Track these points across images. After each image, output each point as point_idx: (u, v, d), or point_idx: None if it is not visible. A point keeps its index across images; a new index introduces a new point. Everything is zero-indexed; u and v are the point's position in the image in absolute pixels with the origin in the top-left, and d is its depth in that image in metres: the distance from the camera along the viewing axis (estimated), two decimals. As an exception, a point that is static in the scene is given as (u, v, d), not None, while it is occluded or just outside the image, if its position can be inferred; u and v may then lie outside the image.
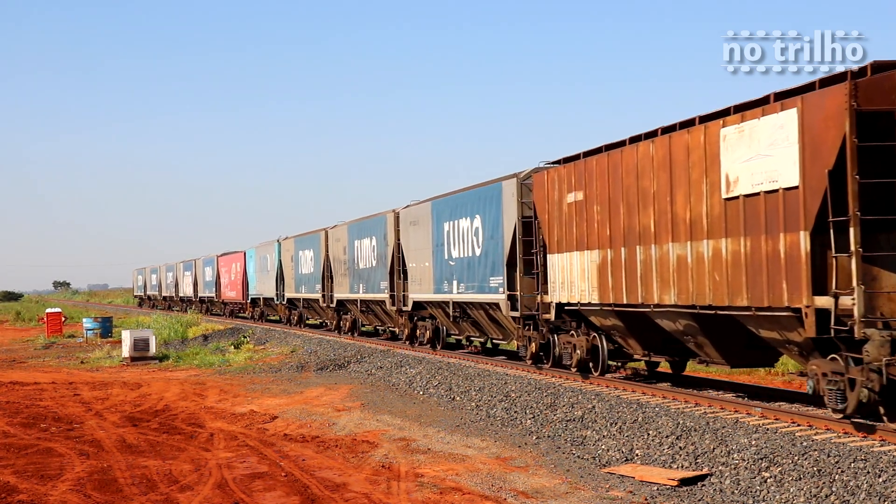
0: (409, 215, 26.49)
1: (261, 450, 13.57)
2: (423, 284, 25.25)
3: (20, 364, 30.23)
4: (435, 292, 24.26)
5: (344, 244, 32.98)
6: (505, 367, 20.93)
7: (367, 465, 12.35)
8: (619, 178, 15.34)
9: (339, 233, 33.90)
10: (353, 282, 31.75)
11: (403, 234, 27.00)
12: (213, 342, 35.87)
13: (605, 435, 13.35)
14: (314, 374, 24.32)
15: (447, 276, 23.40)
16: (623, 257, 15.29)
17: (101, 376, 25.41)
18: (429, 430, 15.05)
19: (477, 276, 21.61)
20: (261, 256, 47.33)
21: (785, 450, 10.67)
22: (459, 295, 22.63)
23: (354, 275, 31.60)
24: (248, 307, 51.48)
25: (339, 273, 33.53)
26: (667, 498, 10.21)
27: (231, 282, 54.76)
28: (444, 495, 10.46)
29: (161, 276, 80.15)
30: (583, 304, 16.80)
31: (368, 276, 30.19)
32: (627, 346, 16.74)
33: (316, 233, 37.07)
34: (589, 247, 16.42)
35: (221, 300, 57.30)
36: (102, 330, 40.72)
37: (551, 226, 17.81)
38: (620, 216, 15.30)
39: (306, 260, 38.29)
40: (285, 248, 42.18)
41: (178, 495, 10.73)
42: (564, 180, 17.29)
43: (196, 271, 64.87)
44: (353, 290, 31.81)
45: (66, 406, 18.87)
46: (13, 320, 63.13)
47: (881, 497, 8.95)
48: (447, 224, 23.50)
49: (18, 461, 12.99)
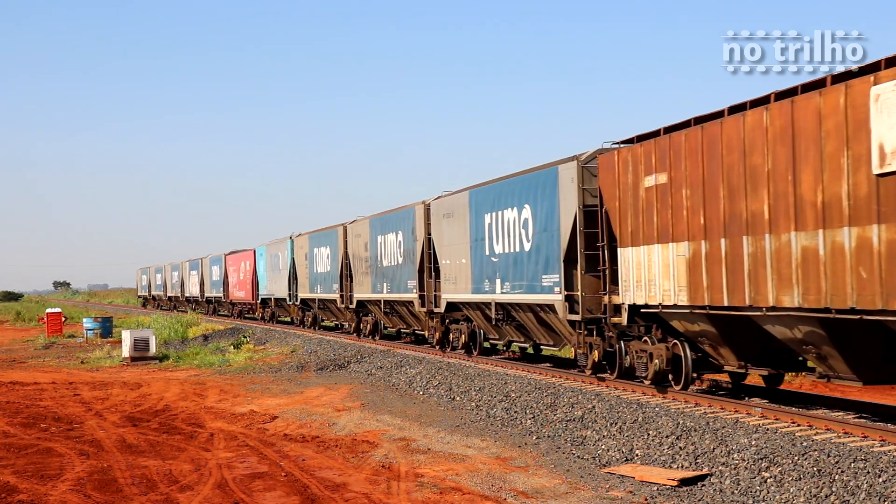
0: (443, 207, 23.85)
1: (261, 450, 13.57)
2: (458, 283, 22.89)
3: (20, 364, 30.22)
4: (473, 292, 21.88)
5: (365, 240, 30.58)
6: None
7: (367, 465, 12.35)
8: (717, 155, 12.92)
9: (359, 228, 31.41)
10: (376, 281, 29.39)
11: (435, 228, 24.45)
12: (213, 342, 35.86)
13: (605, 435, 13.35)
14: (314, 374, 24.32)
15: (488, 275, 21.01)
16: (723, 250, 12.87)
17: (101, 376, 25.40)
18: (429, 430, 15.05)
19: (526, 273, 19.21)
20: (272, 255, 44.81)
21: (785, 450, 10.67)
22: (504, 295, 20.22)
23: (377, 273, 29.25)
24: (257, 308, 49.21)
25: (360, 271, 31.14)
26: (667, 498, 10.21)
27: (239, 281, 52.47)
28: (444, 495, 10.46)
29: (166, 276, 77.96)
30: (665, 307, 14.48)
31: (394, 275, 27.72)
32: (717, 356, 14.36)
33: (333, 228, 34.59)
34: (675, 238, 14.05)
35: (229, 300, 55.28)
36: (102, 330, 40.72)
37: (623, 215, 15.50)
38: (719, 201, 12.87)
39: (322, 258, 35.91)
40: (299, 245, 39.75)
41: (178, 495, 10.73)
42: (641, 161, 14.88)
43: (202, 270, 62.68)
44: (376, 289, 29.44)
45: (66, 406, 18.87)
46: (13, 320, 63.09)
47: (881, 497, 8.95)
48: (489, 216, 20.96)
49: (18, 461, 12.99)
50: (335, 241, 34.04)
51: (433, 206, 24.75)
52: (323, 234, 36.30)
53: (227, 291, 55.48)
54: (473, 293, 22.00)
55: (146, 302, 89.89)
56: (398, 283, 27.24)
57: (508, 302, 20.22)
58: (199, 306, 64.13)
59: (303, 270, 38.82)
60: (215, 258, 58.94)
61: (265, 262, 46.14)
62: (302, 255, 38.95)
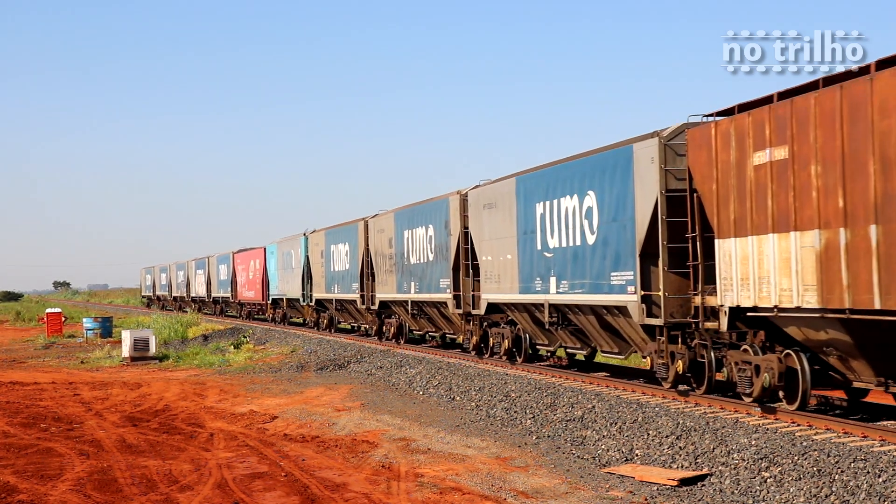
0: (483, 197, 21.31)
1: (261, 450, 13.57)
2: (502, 282, 20.27)
3: (20, 364, 30.22)
4: (521, 292, 19.20)
5: (389, 235, 27.94)
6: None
7: (367, 465, 12.35)
8: (863, 121, 10.50)
9: (383, 222, 28.82)
10: (402, 280, 26.82)
11: (473, 221, 21.88)
12: (213, 342, 35.86)
13: (605, 435, 13.34)
14: (314, 374, 24.32)
15: (540, 272, 18.41)
16: (874, 240, 10.38)
17: (101, 376, 25.41)
18: (429, 430, 15.05)
19: (588, 270, 16.71)
20: (284, 252, 42.22)
21: (785, 450, 10.67)
22: (560, 296, 17.71)
23: (404, 272, 26.66)
24: (268, 309, 46.94)
25: (383, 270, 28.51)
26: (667, 498, 10.21)
27: (249, 281, 49.94)
28: (444, 495, 10.46)
29: (171, 275, 75.04)
30: (783, 310, 12.00)
31: (423, 273, 25.08)
32: (846, 370, 12.09)
33: (353, 223, 32.07)
34: (799, 226, 11.55)
35: (238, 301, 52.92)
36: (102, 330, 40.73)
37: (723, 200, 12.97)
38: (868, 179, 10.42)
39: (340, 255, 33.32)
40: (314, 242, 37.13)
41: (177, 495, 10.73)
42: (749, 134, 12.42)
43: (209, 270, 60.11)
44: (402, 289, 26.85)
45: (66, 406, 18.87)
46: (13, 320, 63.11)
47: (881, 497, 8.95)
48: (540, 205, 18.35)
49: (18, 461, 12.99)
50: (355, 237, 31.65)
51: (471, 196, 22.08)
52: (341, 229, 33.80)
53: (236, 291, 53.28)
54: (521, 293, 19.31)
55: (150, 302, 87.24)
56: (429, 282, 24.70)
57: (566, 303, 17.73)
58: (206, 307, 62.36)
59: (318, 269, 36.43)
60: (223, 256, 56.75)
61: (276, 261, 43.72)
62: (317, 253, 36.57)
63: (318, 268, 36.51)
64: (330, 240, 34.97)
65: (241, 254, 52.12)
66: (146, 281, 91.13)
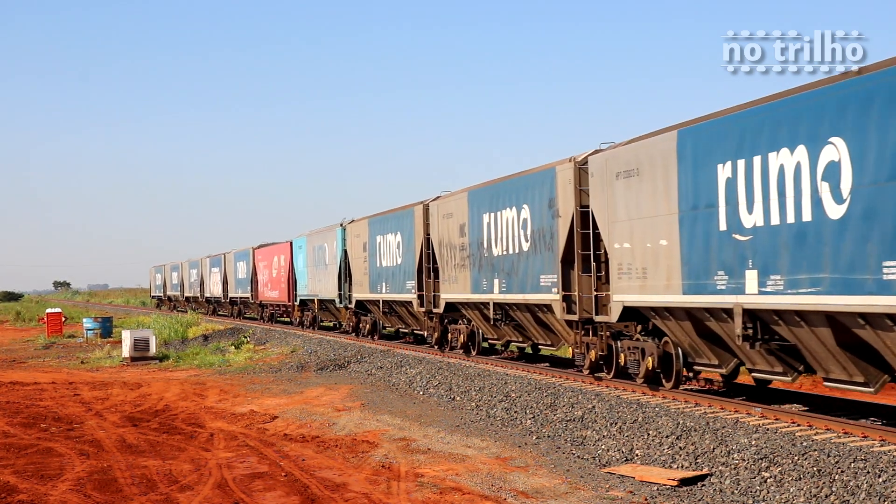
0: (615, 163, 15.79)
1: (261, 450, 13.58)
2: (650, 278, 14.97)
3: (20, 364, 30.23)
4: (687, 292, 13.98)
5: (461, 221, 22.59)
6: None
7: (367, 465, 12.35)
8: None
9: (449, 205, 23.47)
10: (480, 275, 21.61)
11: (597, 197, 16.40)
12: (213, 342, 35.87)
13: (605, 435, 13.35)
14: (314, 374, 24.32)
15: (728, 261, 13.06)
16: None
17: (101, 376, 25.41)
18: (429, 430, 15.05)
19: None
20: (315, 247, 36.83)
21: (785, 450, 10.67)
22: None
23: (483, 265, 21.35)
24: (294, 311, 41.30)
25: (452, 264, 23.24)
26: (667, 498, 10.21)
27: (272, 279, 44.59)
28: (444, 495, 10.46)
29: (183, 274, 69.44)
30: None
31: (513, 267, 20.08)
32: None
33: (407, 209, 26.87)
34: None
35: (258, 301, 47.73)
36: (102, 330, 40.73)
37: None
38: None
39: (389, 248, 28.02)
40: (353, 233, 31.80)
41: (178, 495, 10.73)
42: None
43: (225, 267, 55.06)
44: (480, 287, 21.59)
45: (66, 406, 18.87)
46: (13, 320, 63.10)
47: (881, 497, 8.95)
48: (723, 166, 13.08)
49: (18, 461, 12.99)
50: (410, 225, 26.26)
51: (595, 162, 16.60)
52: (391, 216, 28.25)
53: (256, 291, 47.98)
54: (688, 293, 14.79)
55: (161, 303, 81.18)
56: (521, 279, 19.60)
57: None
58: (222, 307, 58.34)
59: (359, 265, 30.98)
60: (241, 253, 51.35)
61: (305, 257, 38.36)
62: (358, 246, 31.21)
63: (358, 263, 31.11)
64: (375, 229, 29.35)
65: (263, 249, 46.74)
66: (156, 280, 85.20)
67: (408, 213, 26.53)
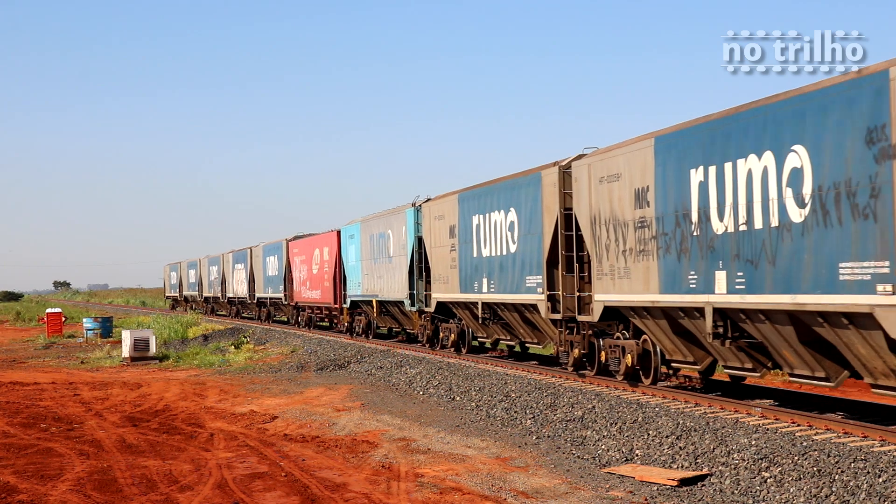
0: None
1: (261, 450, 13.58)
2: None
3: (20, 364, 30.23)
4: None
5: (637, 185, 15.04)
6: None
7: (367, 465, 12.35)
8: None
9: (601, 166, 16.19)
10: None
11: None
12: (213, 342, 35.86)
13: (605, 435, 13.34)
14: (314, 374, 24.32)
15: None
16: None
17: (101, 376, 25.40)
18: (429, 430, 15.05)
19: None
20: (373, 235, 29.53)
21: (785, 450, 10.67)
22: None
23: (678, 249, 14.03)
24: (343, 315, 33.89)
25: (612, 250, 15.85)
26: (667, 498, 10.21)
27: (312, 276, 37.56)
28: (444, 495, 10.46)
29: (201, 272, 62.55)
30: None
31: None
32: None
33: (528, 174, 19.12)
34: None
35: (294, 303, 41.19)
36: (102, 330, 40.73)
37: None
38: None
39: (493, 231, 20.49)
40: (433, 213, 24.20)
41: (178, 495, 10.73)
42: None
43: (252, 263, 48.45)
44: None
45: (66, 406, 18.87)
46: (13, 320, 63.12)
47: (881, 497, 8.95)
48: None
49: (18, 461, 12.99)
50: (534, 198, 18.59)
51: None
52: (498, 188, 20.49)
53: (291, 291, 41.38)
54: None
55: (176, 304, 74.04)
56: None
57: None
58: (246, 309, 52.75)
59: (441, 255, 23.61)
60: (272, 246, 44.71)
61: (359, 248, 31.22)
62: (440, 231, 23.65)
63: (440, 253, 23.72)
64: (470, 206, 21.84)
65: (301, 241, 40.09)
66: (171, 279, 77.24)
67: (529, 181, 18.94)
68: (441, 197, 23.98)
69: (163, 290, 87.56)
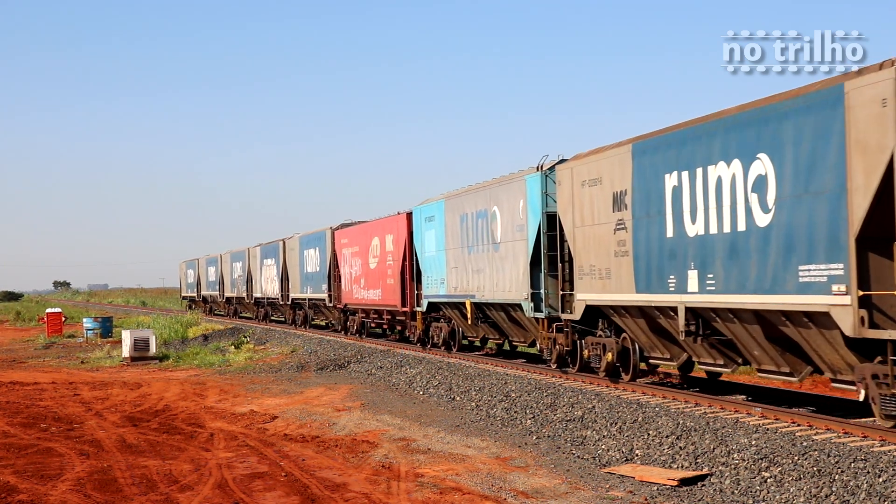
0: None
1: (261, 450, 13.57)
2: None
3: (20, 364, 30.23)
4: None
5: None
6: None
7: (367, 465, 12.35)
8: None
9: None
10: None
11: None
12: (213, 342, 35.86)
13: (605, 435, 13.34)
14: (314, 374, 24.32)
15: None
16: None
17: (101, 376, 25.40)
18: (429, 430, 15.05)
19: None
20: (464, 215, 22.58)
21: (785, 450, 10.67)
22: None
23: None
24: (417, 321, 26.22)
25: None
26: (667, 498, 10.21)
27: (368, 272, 30.01)
28: (444, 495, 10.46)
29: (223, 269, 55.07)
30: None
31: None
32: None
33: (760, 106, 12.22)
34: None
35: (341, 305, 33.46)
36: (102, 330, 40.73)
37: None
38: None
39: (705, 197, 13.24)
40: (577, 177, 16.81)
41: (178, 495, 10.73)
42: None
43: (284, 259, 40.94)
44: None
45: (66, 406, 18.87)
46: (13, 320, 63.12)
47: (881, 497, 8.95)
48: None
49: (18, 461, 12.99)
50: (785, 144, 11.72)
51: None
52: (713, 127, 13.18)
53: (338, 291, 33.91)
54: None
55: (193, 304, 65.06)
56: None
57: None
58: (277, 311, 45.06)
59: (598, 237, 16.20)
60: (311, 237, 37.40)
61: (442, 233, 24.01)
62: (595, 201, 16.22)
63: (594, 235, 16.36)
64: (658, 161, 14.47)
65: (352, 229, 32.81)
66: (187, 278, 69.08)
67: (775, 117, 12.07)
68: (594, 152, 16.68)
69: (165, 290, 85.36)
